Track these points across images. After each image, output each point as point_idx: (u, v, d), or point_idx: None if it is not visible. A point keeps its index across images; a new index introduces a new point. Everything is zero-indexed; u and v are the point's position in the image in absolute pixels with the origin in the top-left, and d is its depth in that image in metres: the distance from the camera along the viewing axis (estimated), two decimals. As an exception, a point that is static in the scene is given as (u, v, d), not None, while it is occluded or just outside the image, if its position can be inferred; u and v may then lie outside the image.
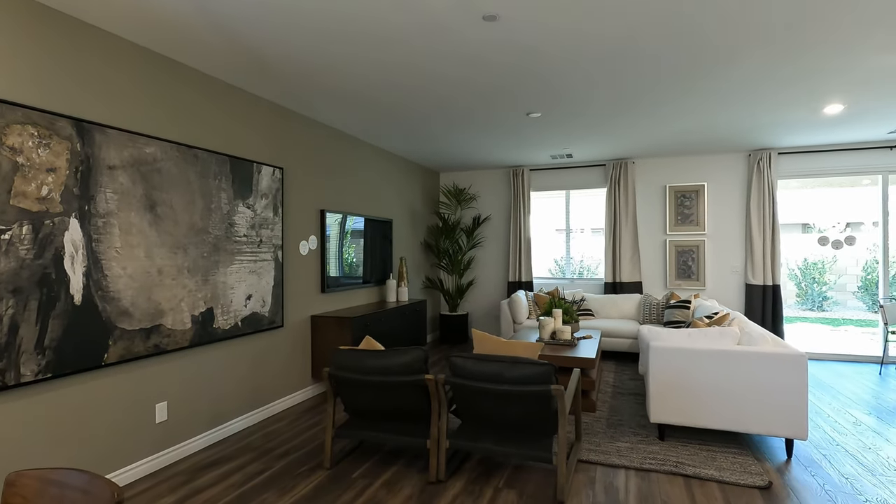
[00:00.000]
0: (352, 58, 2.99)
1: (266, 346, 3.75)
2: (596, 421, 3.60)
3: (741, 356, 2.99)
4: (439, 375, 2.66)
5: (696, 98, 3.82)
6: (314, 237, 4.35)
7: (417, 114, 4.23)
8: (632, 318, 5.90)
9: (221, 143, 3.35)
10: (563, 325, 4.38)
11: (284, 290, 3.96)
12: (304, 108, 4.05)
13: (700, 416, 3.08)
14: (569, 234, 6.85)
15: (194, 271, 3.09)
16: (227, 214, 3.35)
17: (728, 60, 3.06)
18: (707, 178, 6.08)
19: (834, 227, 10.49)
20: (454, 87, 3.53)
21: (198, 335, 3.11)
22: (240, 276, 3.46)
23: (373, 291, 5.38)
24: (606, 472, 2.81)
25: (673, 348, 3.15)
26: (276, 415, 3.80)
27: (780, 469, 2.83)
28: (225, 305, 3.33)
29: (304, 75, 3.29)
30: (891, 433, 3.38)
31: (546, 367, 2.46)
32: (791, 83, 3.48)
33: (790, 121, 4.52)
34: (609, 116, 4.34)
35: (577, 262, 10.67)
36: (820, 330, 8.45)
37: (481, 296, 7.16)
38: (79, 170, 2.43)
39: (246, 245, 3.52)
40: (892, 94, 3.75)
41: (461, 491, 2.58)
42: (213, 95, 3.28)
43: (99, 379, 2.55)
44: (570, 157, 6.18)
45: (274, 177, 3.81)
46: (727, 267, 6.00)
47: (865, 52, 2.95)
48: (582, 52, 2.94)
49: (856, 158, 5.55)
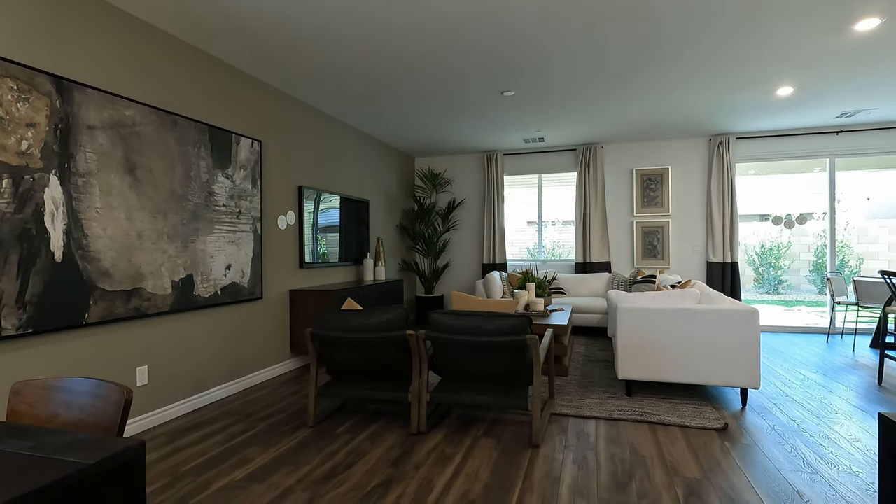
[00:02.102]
0: (328, 31, 3.06)
1: (246, 316, 3.78)
2: (568, 383, 3.79)
3: (700, 313, 3.21)
4: (420, 331, 2.77)
5: (653, 77, 4.04)
6: (292, 213, 4.39)
7: (392, 88, 4.31)
8: (601, 295, 6.14)
9: (200, 111, 3.35)
10: (535, 299, 4.56)
11: (263, 262, 3.98)
12: (283, 84, 4.07)
13: (664, 371, 3.29)
14: (541, 220, 7.05)
15: (174, 237, 3.10)
16: (206, 183, 3.36)
17: (679, 41, 3.27)
18: (671, 162, 6.38)
19: (790, 215, 11.11)
20: (429, 65, 3.63)
21: (178, 301, 3.13)
22: (219, 246, 3.48)
23: (350, 270, 5.43)
24: (578, 422, 2.98)
25: (639, 308, 3.35)
26: (257, 385, 3.84)
27: (735, 415, 3.07)
28: (205, 273, 3.35)
29: (281, 47, 3.33)
30: (834, 386, 3.68)
31: (521, 318, 2.60)
32: (742, 64, 3.73)
33: (746, 103, 4.81)
34: (579, 97, 4.52)
35: (549, 250, 10.97)
36: (775, 310, 8.94)
37: (457, 278, 7.30)
38: (58, 127, 2.43)
39: (225, 215, 3.53)
40: (837, 77, 4.06)
41: (442, 440, 2.70)
42: (193, 64, 3.28)
43: (80, 338, 2.55)
44: (542, 140, 6.38)
45: (252, 149, 3.83)
46: (690, 246, 6.31)
47: (808, 33, 3.20)
48: (551, 31, 3.09)
49: (806, 143, 5.93)
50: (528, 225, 8.81)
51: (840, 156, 5.87)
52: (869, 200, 11.88)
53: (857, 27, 3.12)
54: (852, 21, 3.04)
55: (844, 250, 10.37)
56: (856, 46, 3.43)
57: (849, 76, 4.03)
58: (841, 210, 11.56)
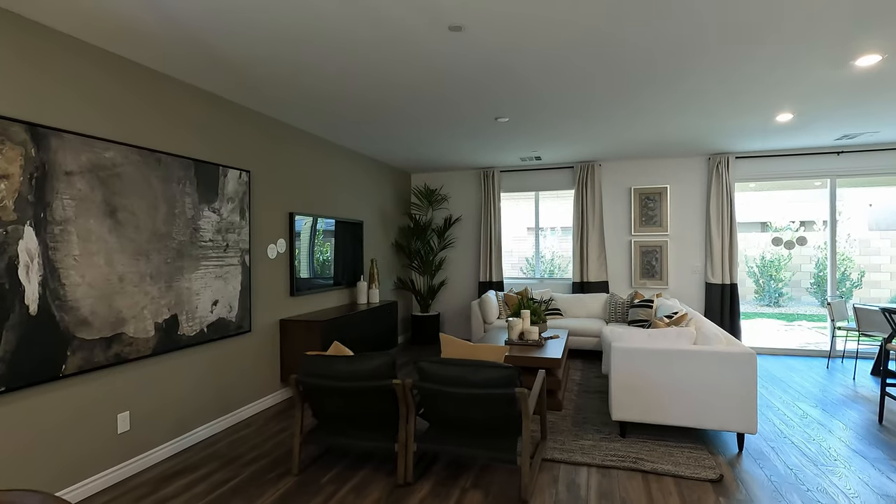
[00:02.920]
0: (319, 65, 2.99)
1: (233, 351, 3.71)
2: (562, 419, 3.71)
3: (696, 355, 3.14)
4: (407, 380, 2.70)
5: (651, 106, 3.96)
6: (283, 240, 4.32)
7: (386, 117, 4.24)
8: (598, 316, 6.06)
9: (185, 146, 3.29)
10: (530, 326, 4.48)
11: (252, 294, 3.92)
12: (271, 111, 4.01)
13: (659, 413, 3.21)
14: (538, 236, 6.97)
15: (157, 278, 3.04)
16: (191, 219, 3.30)
17: (675, 75, 3.19)
18: (670, 181, 6.29)
19: (791, 224, 11.01)
20: (421, 94, 3.56)
21: (161, 343, 3.06)
22: (205, 282, 3.41)
23: (343, 293, 5.37)
24: (569, 470, 2.91)
25: (633, 349, 3.27)
26: (244, 420, 3.77)
27: (731, 462, 2.99)
28: (190, 312, 3.28)
29: (272, 81, 3.26)
30: (833, 424, 3.60)
31: (510, 370, 2.53)
32: (740, 95, 3.65)
33: (745, 127, 4.73)
34: (574, 121, 4.45)
35: (548, 260, 10.88)
36: (775, 325, 8.85)
37: (453, 296, 7.23)
38: (34, 176, 2.36)
39: (212, 250, 3.47)
40: (836, 105, 3.97)
41: (429, 493, 2.63)
42: (175, 98, 3.21)
43: (56, 391, 2.49)
44: (538, 159, 6.30)
45: (241, 180, 3.76)
46: (688, 267, 6.23)
47: (808, 67, 3.12)
48: (545, 65, 3.02)
49: (807, 163, 5.84)
50: (527, 232, 8.74)
51: (841, 176, 5.78)
52: (871, 206, 11.80)
53: (858, 63, 3.04)
54: (853, 57, 2.96)
55: (846, 263, 10.28)
56: (856, 80, 3.35)
57: (849, 105, 3.95)
58: (844, 219, 11.48)
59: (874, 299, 10.30)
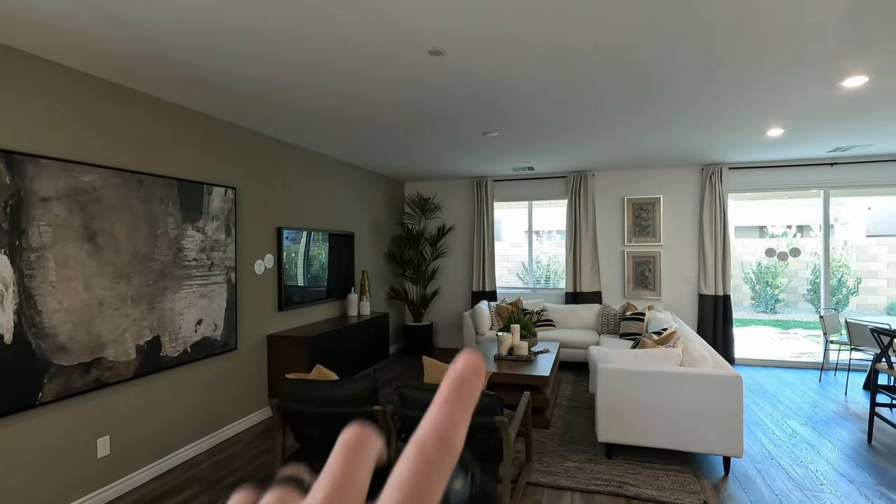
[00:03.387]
0: (302, 84, 2.97)
1: (219, 370, 3.69)
2: (549, 438, 3.69)
3: (682, 378, 3.11)
4: (388, 406, 2.68)
5: (641, 122, 3.94)
6: (270, 256, 4.30)
7: (373, 136, 4.22)
8: (591, 328, 6.04)
9: (168, 166, 3.26)
10: (520, 341, 4.46)
11: (238, 311, 3.89)
12: (257, 126, 3.98)
13: (645, 435, 3.19)
14: (531, 245, 6.95)
15: (139, 300, 3.02)
16: (174, 239, 3.27)
17: (661, 95, 3.16)
18: (663, 191, 6.27)
19: (788, 229, 10.99)
20: (407, 112, 3.54)
21: (143, 365, 3.04)
22: (189, 302, 3.39)
23: (334, 306, 5.34)
24: (553, 495, 2.88)
25: (619, 370, 3.25)
26: (231, 438, 3.75)
27: (717, 486, 2.97)
28: (173, 332, 3.26)
29: (254, 99, 3.24)
30: (822, 444, 3.58)
31: (490, 398, 2.51)
32: (729, 113, 3.63)
33: (738, 141, 4.70)
34: (564, 137, 4.42)
35: (545, 266, 10.85)
36: (770, 333, 8.83)
37: (446, 305, 7.20)
38: (8, 204, 2.34)
39: (196, 269, 3.45)
40: (828, 121, 3.95)
41: (409, 520, 2.61)
42: (157, 117, 3.19)
43: (33, 419, 2.47)
44: (531, 169, 6.27)
45: (226, 197, 3.74)
46: (681, 277, 6.20)
47: (798, 87, 3.10)
48: (530, 84, 2.99)
49: (800, 174, 5.81)
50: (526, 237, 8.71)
51: (835, 187, 5.75)
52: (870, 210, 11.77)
53: (846, 84, 3.02)
54: (840, 78, 2.94)
55: (843, 269, 10.25)
56: (845, 99, 3.33)
57: (839, 122, 3.93)
58: (841, 224, 11.44)
59: (871, 306, 10.27)
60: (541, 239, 11.32)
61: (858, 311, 10.35)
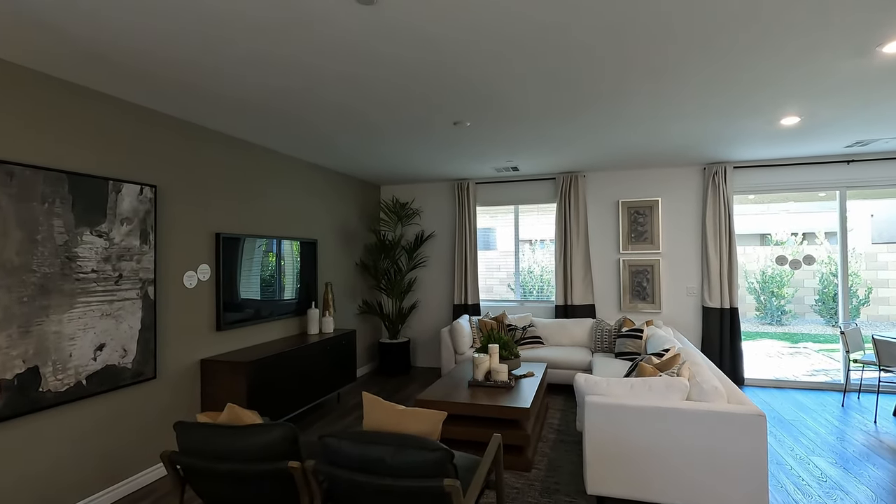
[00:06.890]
0: (216, 50, 2.38)
1: (128, 404, 3.05)
2: (529, 485, 3.05)
3: (690, 415, 2.49)
4: (309, 462, 2.05)
5: (639, 104, 3.37)
6: (206, 266, 3.68)
7: (319, 123, 3.63)
8: (583, 345, 5.41)
9: (54, 156, 2.66)
10: (499, 364, 3.83)
11: (158, 333, 3.27)
12: (182, 113, 3.39)
13: (644, 487, 2.56)
14: (518, 254, 6.34)
15: (7, 322, 2.39)
16: (63, 246, 2.66)
17: (661, 70, 2.59)
18: (661, 193, 5.68)
19: (793, 237, 10.41)
20: (351, 90, 2.95)
21: (12, 405, 2.41)
22: (85, 322, 2.76)
23: (291, 323, 4.71)
24: (528, 570, 2.24)
25: (612, 405, 2.63)
26: (145, 488, 3.10)
27: (737, 556, 2.33)
28: (60, 361, 2.63)
29: (163, 72, 2.65)
30: (857, 491, 2.94)
31: (439, 453, 1.88)
32: (743, 96, 3.05)
33: (746, 133, 4.13)
34: (549, 127, 3.84)
35: (537, 276, 10.22)
36: (779, 347, 8.20)
37: (425, 320, 6.57)
38: None
39: (96, 283, 2.83)
40: (852, 105, 3.38)
41: None
42: (42, 96, 2.60)
43: None
44: (515, 170, 5.69)
45: (142, 196, 3.13)
46: (683, 288, 5.59)
47: (827, 56, 2.53)
48: (498, 44, 2.41)
49: (813, 173, 5.24)
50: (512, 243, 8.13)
51: (852, 187, 5.18)
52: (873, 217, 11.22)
53: (885, 49, 2.44)
54: (879, 42, 2.36)
55: (852, 278, 9.66)
56: (881, 71, 2.75)
57: (868, 103, 3.35)
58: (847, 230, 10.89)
59: (883, 318, 9.66)
60: (533, 247, 10.72)
61: (870, 322, 9.74)
